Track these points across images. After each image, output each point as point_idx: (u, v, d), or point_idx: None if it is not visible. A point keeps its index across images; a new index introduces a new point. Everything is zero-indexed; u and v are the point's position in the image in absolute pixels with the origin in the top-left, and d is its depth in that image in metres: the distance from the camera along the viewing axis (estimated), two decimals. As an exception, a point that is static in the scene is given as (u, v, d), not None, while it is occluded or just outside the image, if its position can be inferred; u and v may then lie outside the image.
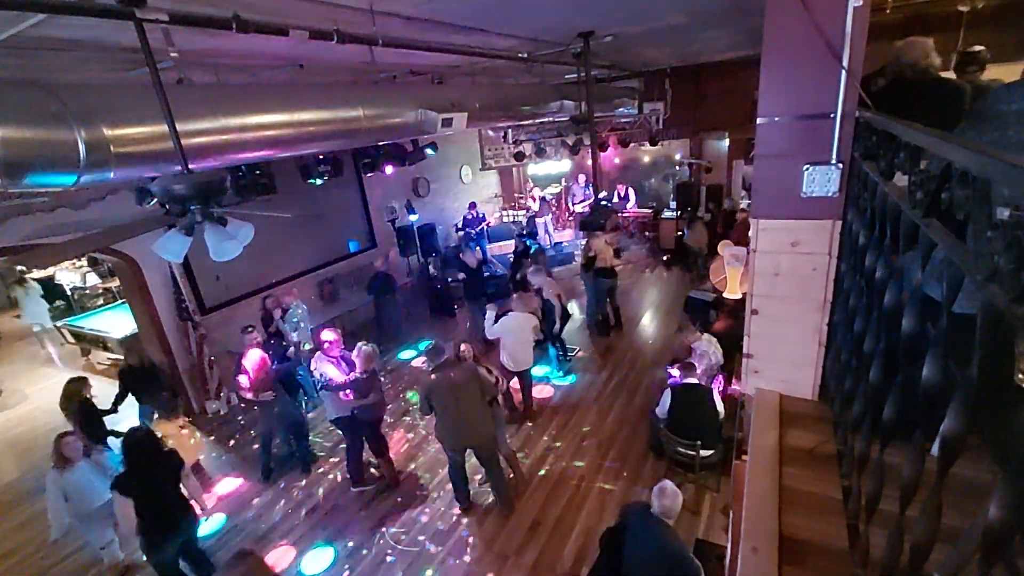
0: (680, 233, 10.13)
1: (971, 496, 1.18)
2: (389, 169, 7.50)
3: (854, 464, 1.31)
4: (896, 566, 0.97)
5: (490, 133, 11.15)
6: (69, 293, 10.92)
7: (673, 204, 10.94)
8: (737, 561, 1.46)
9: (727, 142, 10.48)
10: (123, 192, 5.59)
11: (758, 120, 1.99)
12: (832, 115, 1.81)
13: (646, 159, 12.54)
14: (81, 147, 2.12)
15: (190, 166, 2.14)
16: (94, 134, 2.12)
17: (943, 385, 0.80)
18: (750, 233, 2.11)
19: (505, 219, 12.66)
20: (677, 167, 11.73)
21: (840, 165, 1.82)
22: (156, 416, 5.46)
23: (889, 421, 1.03)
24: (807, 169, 1.88)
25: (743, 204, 9.91)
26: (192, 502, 3.81)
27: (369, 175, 8.68)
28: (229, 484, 5.40)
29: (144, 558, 3.67)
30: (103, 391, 7.15)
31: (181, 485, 3.70)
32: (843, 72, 1.74)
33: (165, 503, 3.57)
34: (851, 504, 1.35)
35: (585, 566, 3.81)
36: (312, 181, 6.90)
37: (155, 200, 4.81)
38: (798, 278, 1.99)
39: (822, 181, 1.85)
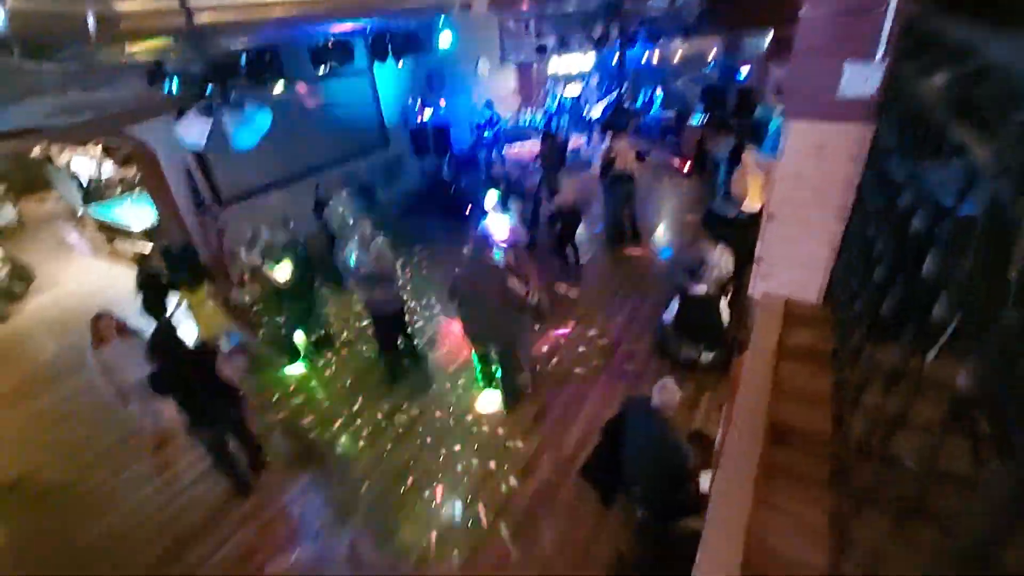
0: (703, 140, 9.71)
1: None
2: (402, 60, 7.12)
3: (848, 357, 1.40)
4: (870, 443, 1.09)
5: (511, 25, 10.35)
6: (85, 184, 10.96)
7: (700, 108, 10.37)
8: (726, 444, 1.62)
9: (767, 41, 9.66)
10: (133, 73, 5.41)
11: (801, 11, 1.85)
12: (884, 8, 1.68)
13: (676, 57, 11.68)
14: (91, 21, 2.06)
15: (202, 44, 2.07)
16: (104, 8, 2.04)
17: (942, 281, 0.85)
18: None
19: (522, 119, 12.14)
20: (709, 66, 10.95)
21: (883, 63, 1.72)
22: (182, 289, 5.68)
23: (887, 315, 1.09)
24: (847, 66, 1.78)
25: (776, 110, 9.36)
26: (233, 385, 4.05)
27: (381, 66, 8.22)
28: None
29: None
30: (130, 279, 7.43)
31: (219, 371, 3.89)
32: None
33: (203, 395, 3.74)
34: (839, 394, 1.47)
35: (585, 451, 4.17)
36: (322, 70, 6.61)
37: (168, 81, 4.69)
38: (820, 183, 1.97)
39: (861, 80, 1.76)
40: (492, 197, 5.63)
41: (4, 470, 4.80)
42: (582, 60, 11.68)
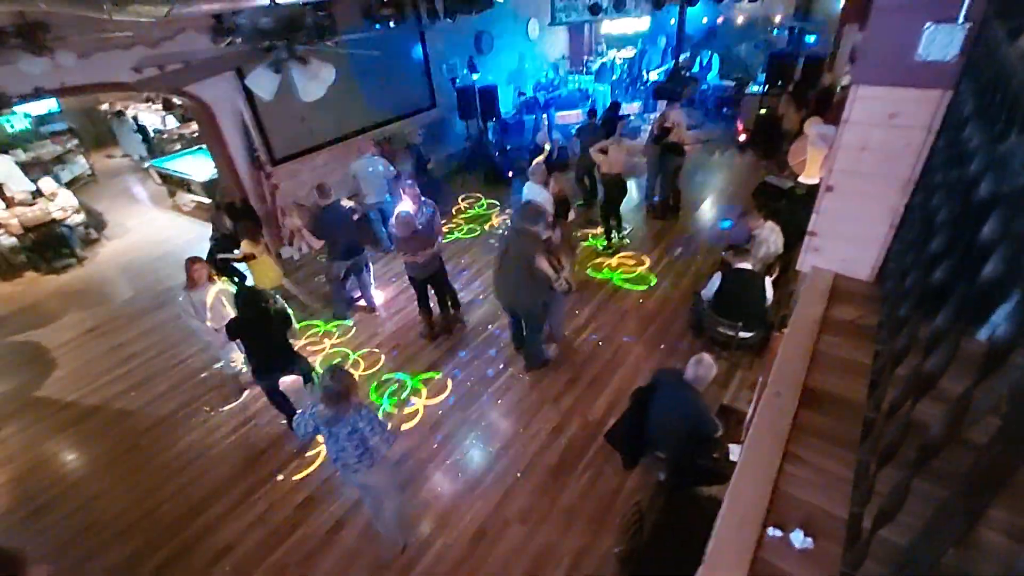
0: (763, 111, 9.22)
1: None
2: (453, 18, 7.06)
3: (892, 328, 1.39)
4: (902, 406, 1.09)
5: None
6: (152, 135, 11.50)
7: (762, 77, 9.80)
8: (761, 403, 1.64)
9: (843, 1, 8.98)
10: (192, 31, 5.62)
11: (883, -34, 1.74)
12: (970, -36, 1.56)
13: (740, 20, 11.02)
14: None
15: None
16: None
17: (997, 241, 0.84)
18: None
19: (571, 84, 11.80)
20: (775, 30, 10.29)
21: (968, 24, 1.61)
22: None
23: (937, 284, 1.08)
24: (928, 28, 1.67)
25: (845, 81, 8.77)
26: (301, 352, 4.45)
27: (430, 25, 8.14)
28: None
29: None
30: (191, 231, 7.92)
31: (290, 339, 4.26)
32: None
33: (272, 353, 4.16)
34: (878, 363, 1.46)
35: (613, 417, 4.25)
36: (374, 28, 6.64)
37: (230, 39, 4.86)
38: (887, 154, 1.88)
39: (943, 43, 1.65)
40: (535, 165, 5.59)
41: (87, 396, 5.32)
42: (638, 21, 11.18)
